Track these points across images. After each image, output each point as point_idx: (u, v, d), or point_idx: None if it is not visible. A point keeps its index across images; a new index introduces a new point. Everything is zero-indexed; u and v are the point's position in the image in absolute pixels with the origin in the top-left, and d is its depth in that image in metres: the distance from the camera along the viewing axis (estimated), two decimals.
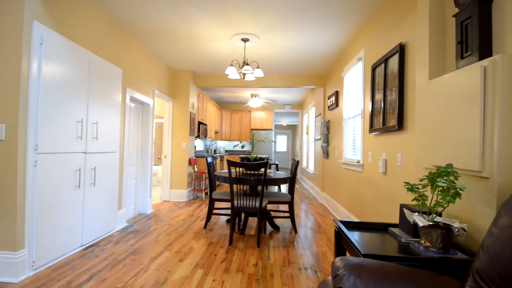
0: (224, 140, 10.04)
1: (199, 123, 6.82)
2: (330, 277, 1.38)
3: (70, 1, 2.78)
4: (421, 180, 1.53)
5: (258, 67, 3.92)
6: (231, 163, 3.23)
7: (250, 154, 7.21)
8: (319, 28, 3.57)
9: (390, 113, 2.72)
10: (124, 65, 3.87)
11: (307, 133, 8.06)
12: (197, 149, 7.68)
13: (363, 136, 3.49)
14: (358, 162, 3.62)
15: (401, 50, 2.55)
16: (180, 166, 5.81)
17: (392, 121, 2.64)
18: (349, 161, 4.00)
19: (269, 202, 3.66)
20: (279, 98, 8.83)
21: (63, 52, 2.66)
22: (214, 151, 9.41)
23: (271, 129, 9.97)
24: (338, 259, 1.30)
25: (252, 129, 9.98)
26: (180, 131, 5.83)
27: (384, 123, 2.82)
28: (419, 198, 1.52)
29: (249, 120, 10.02)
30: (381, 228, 1.88)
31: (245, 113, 10.02)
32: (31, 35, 2.33)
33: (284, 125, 14.24)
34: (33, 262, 2.38)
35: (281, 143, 14.78)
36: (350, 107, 4.18)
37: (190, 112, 5.92)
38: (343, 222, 1.90)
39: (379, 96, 2.99)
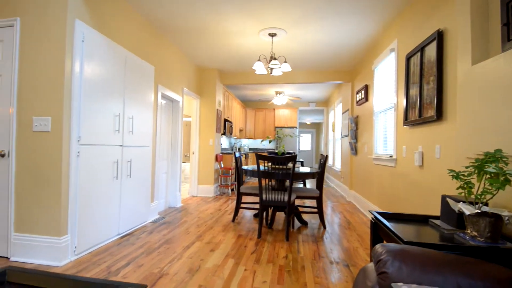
0: (248, 138, 10.10)
1: (225, 120, 6.91)
2: (369, 265, 1.34)
3: (108, 0, 2.93)
4: (467, 167, 1.45)
5: (285, 62, 3.90)
6: (259, 157, 3.24)
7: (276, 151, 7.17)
8: (348, 19, 3.50)
9: (427, 104, 2.60)
10: (156, 63, 4.01)
11: (333, 130, 7.91)
12: (223, 146, 7.79)
13: (396, 130, 3.37)
14: (390, 156, 3.49)
15: (439, 37, 2.43)
16: (207, 162, 5.92)
17: (430, 112, 2.52)
18: (380, 156, 3.87)
19: (297, 197, 3.64)
20: (304, 96, 8.74)
21: (102, 50, 2.80)
22: (239, 149, 9.50)
23: (296, 127, 9.89)
24: (379, 245, 1.26)
25: (276, 127, 9.96)
26: (207, 128, 5.94)
27: (420, 114, 2.70)
28: (465, 186, 1.44)
29: (273, 118, 10.01)
30: (420, 220, 1.80)
31: (269, 111, 10.01)
32: (74, 33, 2.48)
33: (308, 123, 14.07)
34: (75, 247, 2.53)
35: (305, 142, 14.60)
36: (381, 101, 4.05)
37: (217, 110, 6.02)
38: (381, 213, 1.84)
39: (414, 86, 2.87)
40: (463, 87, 1.89)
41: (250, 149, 10.23)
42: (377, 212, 1.83)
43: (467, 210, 1.38)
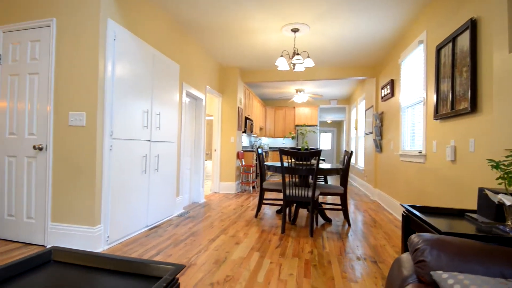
0: (268, 136, 10.11)
1: (246, 118, 6.96)
2: (404, 255, 1.31)
3: (137, 0, 3.04)
4: (507, 157, 1.38)
5: (308, 57, 3.87)
6: (283, 152, 3.24)
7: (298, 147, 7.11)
8: (373, 12, 3.42)
9: (460, 96, 2.49)
10: (181, 61, 4.11)
11: (356, 128, 7.75)
12: (243, 145, 7.84)
13: (426, 124, 3.25)
14: (419, 152, 3.37)
15: (473, 25, 2.32)
16: (229, 159, 5.98)
17: (463, 104, 2.41)
18: (407, 152, 3.75)
19: (321, 193, 3.60)
20: (325, 93, 8.63)
21: (132, 48, 2.92)
22: (259, 147, 9.52)
23: (316, 125, 9.78)
24: (414, 235, 1.23)
25: (296, 125, 9.89)
26: (229, 125, 6.01)
27: (452, 107, 2.59)
28: (505, 176, 1.37)
29: (293, 117, 9.95)
30: (455, 213, 1.74)
31: (289, 109, 9.96)
32: (106, 32, 2.60)
33: (329, 121, 13.86)
34: (108, 237, 2.65)
35: (325, 141, 14.39)
36: (408, 95, 3.93)
37: (238, 107, 6.07)
38: (413, 206, 1.79)
39: (445, 78, 2.76)
40: (500, 76, 1.80)
41: (270, 147, 10.23)
42: (409, 206, 1.78)
43: (508, 200, 1.31)
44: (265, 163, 4.00)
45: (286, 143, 10.42)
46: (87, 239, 2.52)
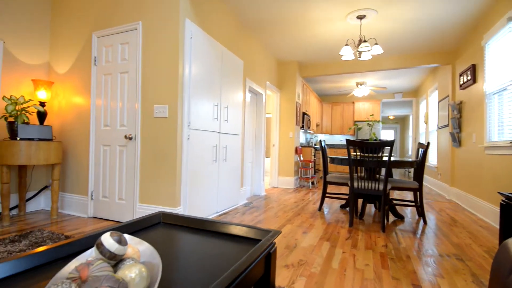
0: (324, 133, 9.85)
1: (303, 113, 6.90)
2: (510, 240, 1.17)
3: (207, 1, 3.25)
4: None
5: (376, 43, 3.68)
6: (350, 143, 3.14)
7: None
8: None
9: None
10: (244, 57, 4.26)
11: (426, 122, 7.09)
12: (300, 141, 7.78)
13: None
14: (511, 142, 2.95)
15: None
16: (287, 154, 6.00)
17: None
18: (495, 144, 3.31)
19: (392, 188, 3.39)
20: (389, 85, 8.07)
21: (205, 45, 3.13)
22: (315, 144, 9.34)
23: (379, 121, 9.20)
24: None
25: (355, 121, 9.45)
26: (287, 121, 6.03)
27: None
28: None
29: (352, 112, 9.52)
30: None
31: (348, 104, 9.56)
32: (184, 31, 2.83)
33: (391, 117, 12.93)
34: None
35: (388, 138, 13.46)
36: (495, 80, 3.46)
37: (296, 102, 6.05)
38: None
39: None
40: None
41: (327, 144, 9.96)
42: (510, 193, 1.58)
43: None
44: (329, 156, 3.92)
45: (344, 140, 10.03)
46: None
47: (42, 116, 3.27)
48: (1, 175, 2.85)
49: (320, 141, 3.93)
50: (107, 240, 0.71)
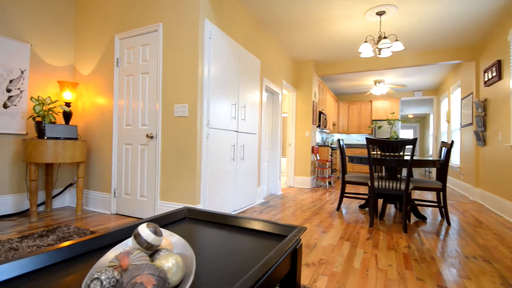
0: (341, 133, 9.71)
1: (320, 112, 6.83)
2: None
3: (225, 1, 3.28)
4: None
5: (396, 40, 3.60)
6: (370, 141, 3.08)
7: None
8: None
9: None
10: (261, 57, 4.27)
11: (448, 121, 6.86)
12: (316, 140, 7.71)
13: None
14: None
15: None
16: (304, 154, 5.96)
17: None
18: None
19: (414, 188, 3.30)
20: (408, 83, 7.87)
21: (223, 45, 3.16)
22: (331, 144, 9.23)
23: (398, 120, 8.98)
24: None
25: (373, 120, 9.27)
26: (303, 120, 5.99)
27: None
28: None
29: (369, 111, 9.34)
30: None
31: (365, 103, 9.39)
32: (204, 31, 2.87)
33: (411, 116, 12.59)
34: None
35: (407, 137, 13.12)
36: None
37: (313, 101, 6.00)
38: None
39: None
40: None
41: (344, 144, 9.81)
42: None
43: None
44: (348, 155, 3.87)
45: (362, 140, 9.86)
46: None
47: (67, 116, 3.40)
48: (29, 172, 2.98)
49: (339, 140, 3.88)
50: (144, 230, 0.74)
